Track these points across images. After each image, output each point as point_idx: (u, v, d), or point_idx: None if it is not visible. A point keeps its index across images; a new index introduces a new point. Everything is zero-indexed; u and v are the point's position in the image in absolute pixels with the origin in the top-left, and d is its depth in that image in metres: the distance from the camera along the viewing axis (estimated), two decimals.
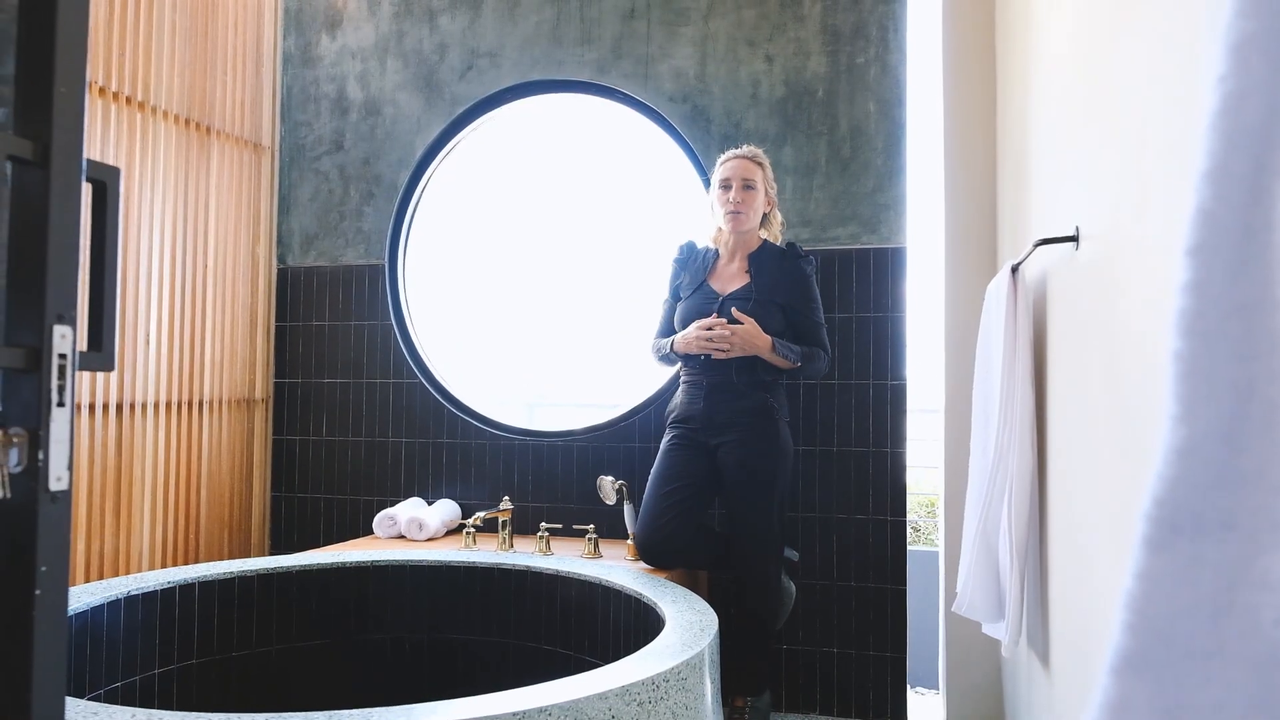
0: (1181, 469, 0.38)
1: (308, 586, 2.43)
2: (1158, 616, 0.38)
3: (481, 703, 1.41)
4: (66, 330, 0.79)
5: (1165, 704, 0.37)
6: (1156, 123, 1.11)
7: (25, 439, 0.77)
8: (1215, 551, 0.37)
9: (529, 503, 3.18)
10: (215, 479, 3.24)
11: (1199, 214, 0.37)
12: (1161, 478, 0.38)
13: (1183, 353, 0.38)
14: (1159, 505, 0.38)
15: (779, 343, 2.55)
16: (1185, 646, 0.37)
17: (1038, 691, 1.99)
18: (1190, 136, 0.99)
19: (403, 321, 3.44)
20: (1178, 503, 0.38)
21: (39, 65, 0.80)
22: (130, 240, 2.89)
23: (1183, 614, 0.37)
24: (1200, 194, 0.37)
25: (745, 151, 2.68)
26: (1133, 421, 1.26)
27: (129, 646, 2.06)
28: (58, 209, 0.79)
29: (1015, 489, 1.81)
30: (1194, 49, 0.97)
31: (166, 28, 3.01)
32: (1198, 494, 0.37)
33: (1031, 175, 2.09)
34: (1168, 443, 0.38)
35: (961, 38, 2.79)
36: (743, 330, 2.52)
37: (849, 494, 2.92)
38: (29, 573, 0.75)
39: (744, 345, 2.52)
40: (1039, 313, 1.94)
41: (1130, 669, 0.38)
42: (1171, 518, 0.38)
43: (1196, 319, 0.38)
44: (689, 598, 2.13)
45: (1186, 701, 0.36)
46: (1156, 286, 1.12)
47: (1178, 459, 0.38)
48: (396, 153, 3.44)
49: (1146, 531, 0.39)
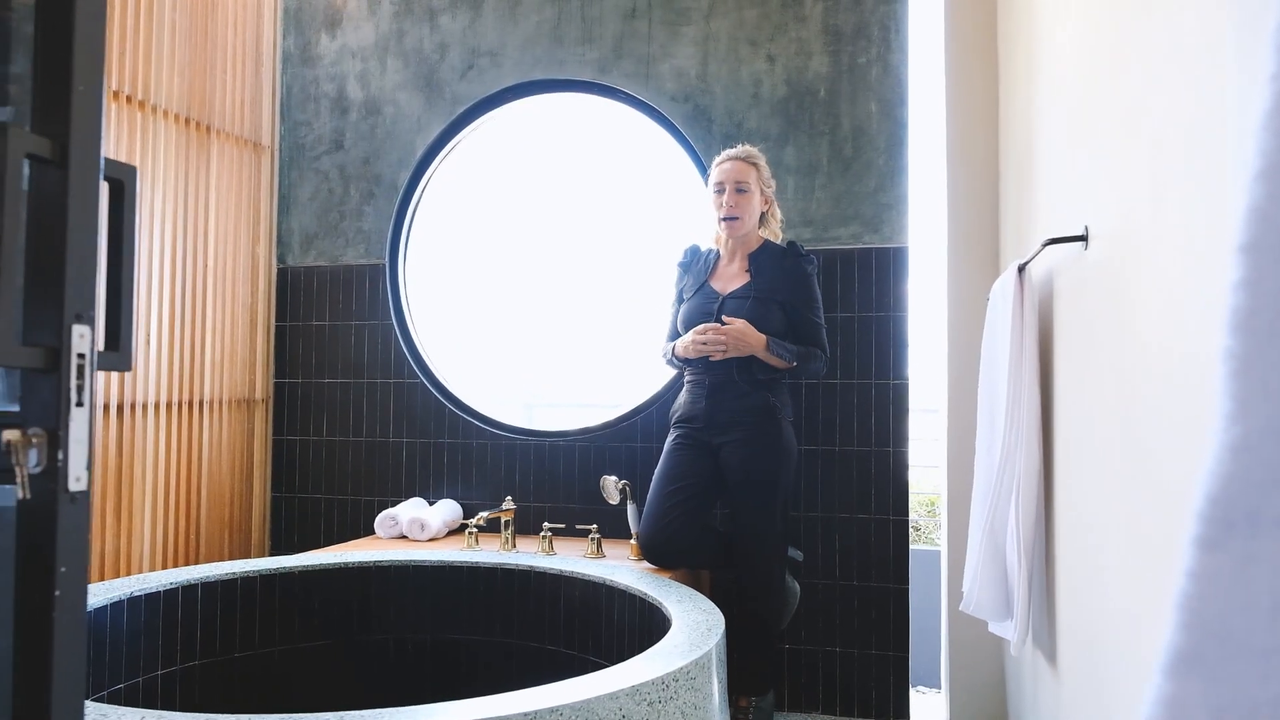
0: (1236, 466, 0.38)
1: (310, 587, 2.43)
2: (1213, 615, 0.38)
3: (492, 703, 1.40)
4: (85, 330, 0.79)
5: (1221, 701, 0.37)
6: (1174, 120, 1.11)
7: (44, 439, 0.76)
8: (1271, 548, 0.37)
9: (531, 503, 3.17)
10: (216, 479, 3.23)
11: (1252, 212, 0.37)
12: (1215, 475, 0.38)
13: (1235, 350, 0.38)
14: (1213, 503, 0.38)
15: (774, 342, 2.55)
16: (1241, 644, 0.37)
17: (1044, 690, 2.00)
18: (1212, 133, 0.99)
19: (403, 321, 3.44)
20: (1232, 500, 0.38)
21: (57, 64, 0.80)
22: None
23: (1238, 611, 0.37)
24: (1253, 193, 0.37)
25: (738, 152, 2.67)
26: (1142, 421, 1.26)
27: (132, 648, 2.05)
28: (76, 208, 0.79)
29: (1022, 488, 1.81)
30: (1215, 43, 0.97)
31: (166, 27, 3.00)
32: (1253, 491, 0.37)
33: (1037, 174, 2.10)
34: (1221, 440, 0.38)
35: (963, 37, 2.79)
36: (733, 330, 2.52)
37: (851, 493, 2.92)
38: (49, 573, 0.75)
39: (736, 345, 2.53)
40: (1045, 312, 1.94)
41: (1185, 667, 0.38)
42: (1226, 515, 0.38)
43: (1250, 316, 0.38)
44: (694, 597, 2.13)
45: (1243, 698, 0.36)
46: (1171, 285, 1.12)
47: (1232, 456, 0.38)
48: (397, 152, 3.44)
49: (1200, 530, 0.39)
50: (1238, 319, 0.38)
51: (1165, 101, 1.15)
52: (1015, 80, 2.44)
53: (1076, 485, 1.68)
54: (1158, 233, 1.18)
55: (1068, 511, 1.75)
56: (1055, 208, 1.88)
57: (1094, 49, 1.55)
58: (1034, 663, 2.13)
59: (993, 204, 2.76)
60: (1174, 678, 0.38)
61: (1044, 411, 1.91)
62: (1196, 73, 1.03)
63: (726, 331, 2.52)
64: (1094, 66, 1.55)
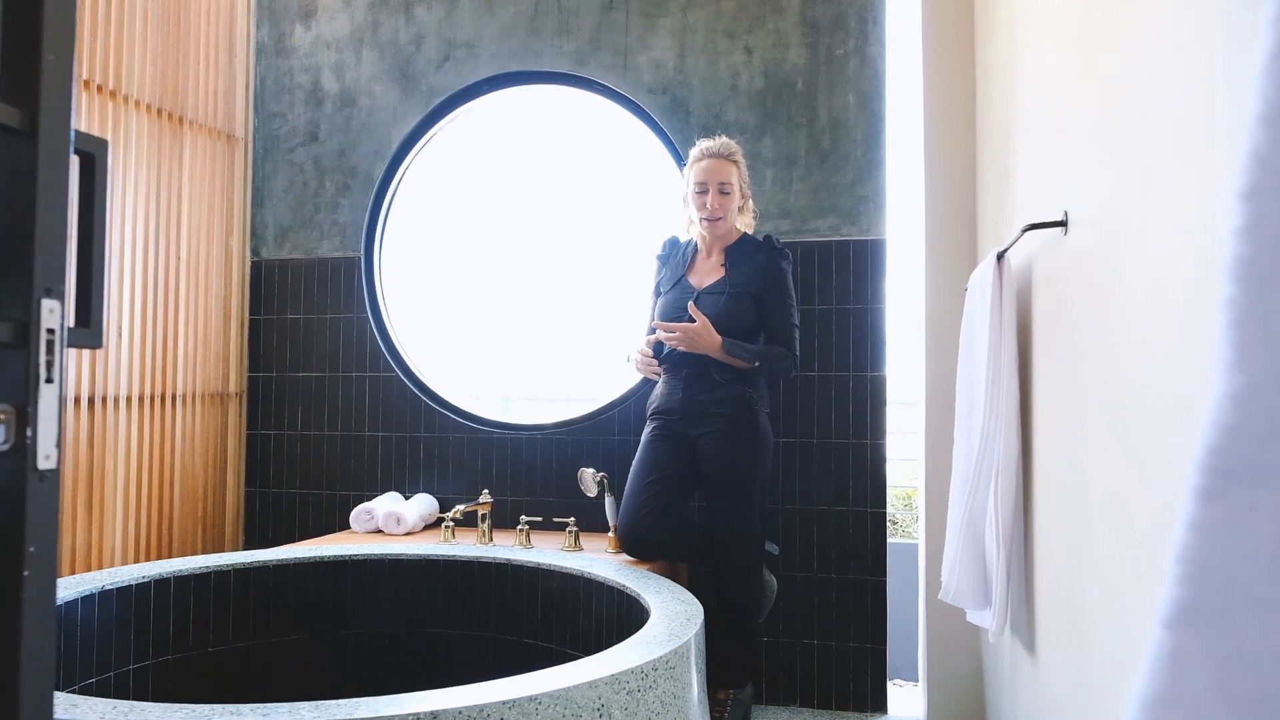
0: (1237, 416, 0.37)
1: (285, 581, 2.40)
2: (1214, 566, 0.37)
3: (471, 691, 1.39)
4: (55, 305, 0.77)
5: (1225, 652, 0.36)
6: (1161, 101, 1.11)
7: (13, 416, 0.74)
8: (1274, 497, 0.37)
9: (508, 496, 3.15)
10: (188, 474, 3.18)
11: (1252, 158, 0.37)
12: (1216, 425, 0.38)
13: (1236, 298, 0.38)
14: (1213, 454, 0.38)
15: (730, 343, 2.52)
16: (1244, 595, 0.37)
17: (1023, 679, 2.01)
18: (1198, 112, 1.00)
19: (379, 314, 3.40)
20: (1233, 449, 0.37)
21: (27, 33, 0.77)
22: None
23: (1241, 562, 0.37)
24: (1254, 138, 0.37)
25: (718, 148, 2.64)
26: (1125, 406, 1.27)
27: (104, 642, 2.01)
28: (46, 180, 0.77)
29: (1001, 475, 1.82)
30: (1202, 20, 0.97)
31: (139, 15, 2.95)
32: (1255, 440, 0.37)
33: (1016, 162, 2.11)
34: (1222, 389, 0.38)
35: (941, 28, 2.80)
36: (689, 328, 2.50)
37: (829, 486, 2.93)
38: (17, 553, 0.73)
39: (691, 343, 2.51)
40: (1024, 299, 1.95)
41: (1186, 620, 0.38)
42: (1227, 465, 0.37)
43: (1251, 264, 0.37)
44: (673, 588, 2.13)
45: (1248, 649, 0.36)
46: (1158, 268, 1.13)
47: (1233, 405, 0.37)
48: (372, 144, 3.40)
49: (1200, 481, 0.38)
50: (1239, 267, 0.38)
51: (1151, 82, 1.16)
52: (993, 67, 2.45)
53: (1056, 471, 1.69)
54: (1143, 215, 1.18)
55: (1047, 498, 1.76)
56: (1034, 194, 1.89)
57: (1076, 30, 1.56)
58: (1013, 651, 2.14)
59: (970, 195, 2.77)
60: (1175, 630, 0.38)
61: (1023, 398, 1.92)
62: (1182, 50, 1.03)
63: (684, 329, 2.50)
64: (1076, 47, 1.55)
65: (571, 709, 1.42)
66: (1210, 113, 0.94)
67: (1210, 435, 0.38)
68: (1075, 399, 1.54)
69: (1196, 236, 0.98)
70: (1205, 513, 0.37)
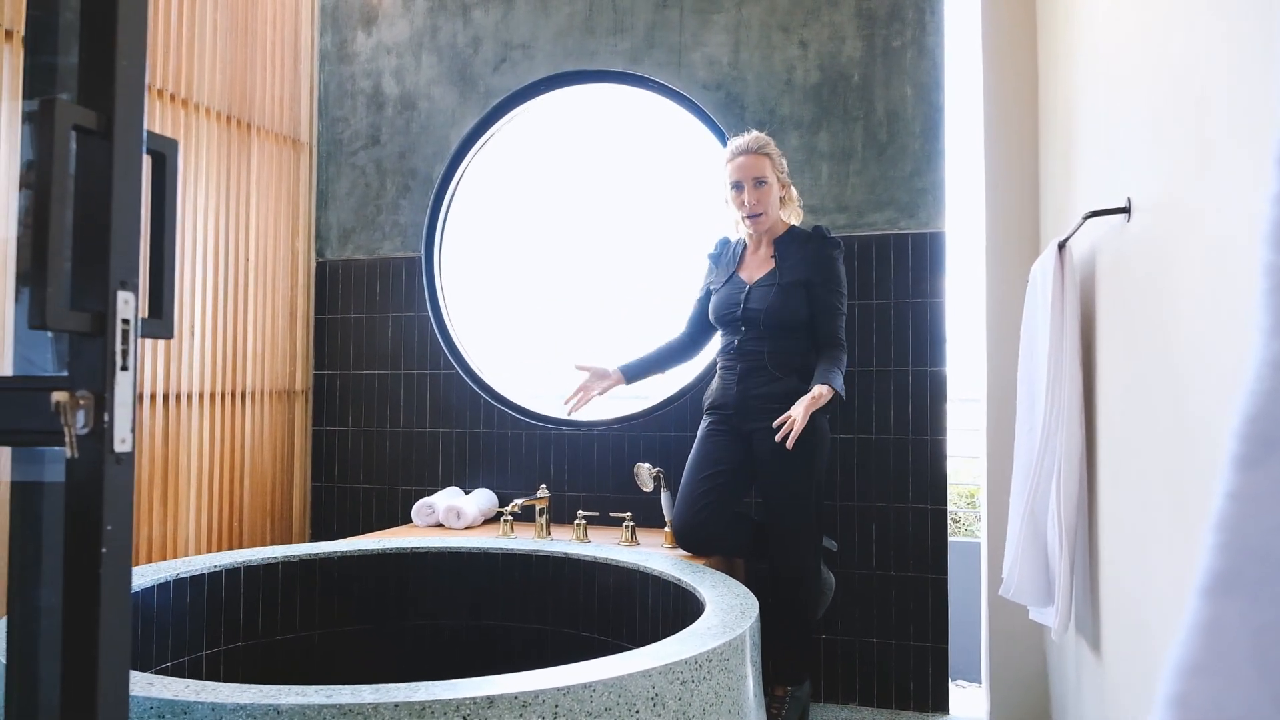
0: (1276, 382, 0.37)
1: (349, 572, 2.46)
2: (1252, 534, 0.37)
3: (527, 678, 1.42)
4: (129, 296, 0.81)
5: (1262, 620, 0.36)
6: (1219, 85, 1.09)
7: (91, 401, 0.78)
8: None
9: (565, 492, 3.19)
10: (258, 468, 3.28)
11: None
12: (1254, 394, 0.37)
13: (1274, 265, 0.37)
14: (1251, 421, 0.37)
15: (821, 376, 2.45)
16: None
17: (1087, 677, 1.97)
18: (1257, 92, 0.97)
19: (439, 313, 3.47)
20: (1272, 417, 0.37)
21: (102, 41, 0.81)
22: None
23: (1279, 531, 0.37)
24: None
25: (748, 144, 2.60)
26: (1187, 397, 1.23)
27: (178, 628, 2.09)
28: (120, 178, 0.81)
29: (1064, 470, 1.79)
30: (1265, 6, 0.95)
31: (208, 25, 3.06)
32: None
33: (1078, 148, 2.06)
34: (1260, 356, 0.37)
35: (1002, 16, 2.75)
36: (799, 411, 2.38)
37: (888, 482, 2.90)
38: (96, 531, 0.77)
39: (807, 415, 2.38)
40: (1087, 289, 1.91)
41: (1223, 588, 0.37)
42: (1265, 433, 0.37)
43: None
44: (728, 582, 2.13)
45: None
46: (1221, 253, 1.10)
47: (1272, 372, 0.37)
48: (432, 146, 3.47)
49: (1238, 450, 0.38)
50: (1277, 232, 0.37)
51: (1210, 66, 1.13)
52: (1056, 55, 2.40)
53: (1120, 466, 1.65)
54: (1203, 199, 1.15)
55: (1111, 493, 1.72)
56: (1096, 181, 1.84)
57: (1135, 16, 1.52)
58: (1077, 650, 2.09)
59: (1032, 185, 2.72)
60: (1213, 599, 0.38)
61: (1086, 391, 1.88)
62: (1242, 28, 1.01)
63: (795, 416, 2.38)
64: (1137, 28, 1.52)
65: (625, 697, 1.43)
66: (1270, 95, 0.91)
67: (1248, 403, 0.37)
68: (1137, 392, 1.51)
69: (1256, 224, 0.95)
70: (1244, 481, 0.37)
